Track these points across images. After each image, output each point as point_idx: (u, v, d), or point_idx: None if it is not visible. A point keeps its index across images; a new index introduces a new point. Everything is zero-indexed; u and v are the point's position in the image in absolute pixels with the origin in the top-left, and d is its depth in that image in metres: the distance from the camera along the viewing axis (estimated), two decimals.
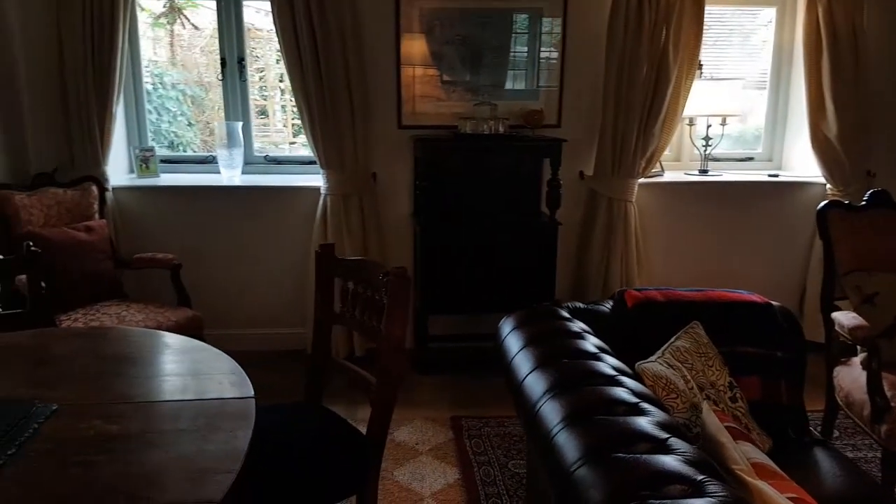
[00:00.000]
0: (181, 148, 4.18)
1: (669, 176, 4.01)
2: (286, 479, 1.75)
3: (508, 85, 3.78)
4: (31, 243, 2.11)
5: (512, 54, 3.75)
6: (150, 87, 4.01)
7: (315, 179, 3.68)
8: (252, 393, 1.52)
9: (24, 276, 2.24)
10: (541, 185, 3.76)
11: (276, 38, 3.48)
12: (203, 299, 3.50)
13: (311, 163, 3.79)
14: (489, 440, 2.93)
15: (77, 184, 3.39)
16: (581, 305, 2.39)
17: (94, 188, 3.42)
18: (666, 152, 3.90)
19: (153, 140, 4.00)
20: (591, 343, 1.97)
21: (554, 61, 3.75)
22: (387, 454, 2.75)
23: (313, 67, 3.41)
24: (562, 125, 3.79)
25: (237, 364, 1.67)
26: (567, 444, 1.47)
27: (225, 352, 1.74)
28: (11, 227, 3.08)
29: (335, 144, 3.51)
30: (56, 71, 3.44)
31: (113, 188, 3.57)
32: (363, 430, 1.93)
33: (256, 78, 4.17)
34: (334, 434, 1.96)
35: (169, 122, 4.20)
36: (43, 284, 2.78)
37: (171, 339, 1.85)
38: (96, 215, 3.39)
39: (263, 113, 4.35)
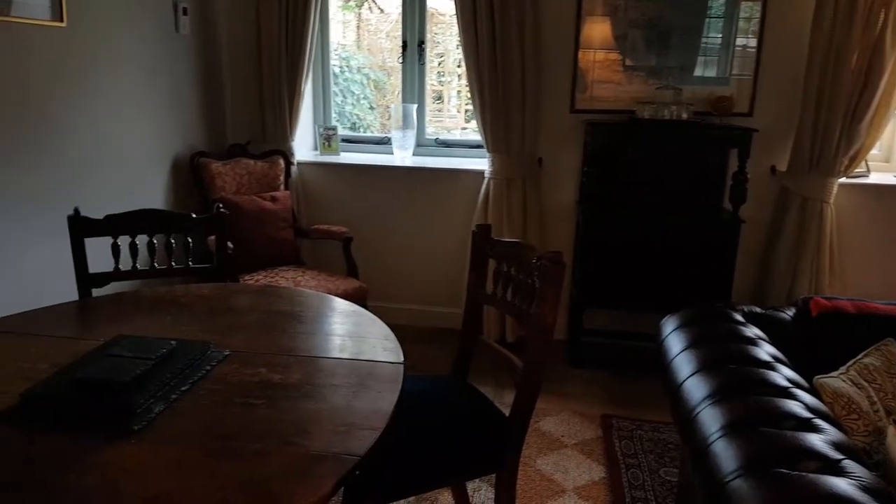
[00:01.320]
0: (361, 129, 4.40)
1: (876, 177, 3.54)
2: (426, 446, 1.78)
3: (697, 71, 3.54)
4: (220, 205, 2.31)
5: (704, 40, 3.51)
6: (336, 69, 4.26)
7: (481, 163, 3.71)
8: (402, 359, 1.55)
9: (213, 237, 2.47)
10: (724, 179, 3.48)
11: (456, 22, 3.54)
12: (369, 271, 3.68)
13: (478, 147, 3.82)
14: (641, 443, 2.79)
15: (266, 156, 3.69)
16: (757, 310, 2.19)
17: (282, 161, 3.70)
18: (874, 151, 3.45)
19: (336, 120, 4.26)
20: (764, 351, 1.80)
21: (751, 49, 3.45)
22: (531, 442, 2.71)
23: (489, 50, 3.42)
24: (753, 114, 3.48)
25: (391, 332, 1.72)
26: (724, 452, 1.36)
27: (385, 324, 1.80)
28: (207, 192, 3.43)
29: (503, 128, 3.51)
30: (254, 51, 3.76)
31: (297, 162, 3.85)
32: (507, 413, 1.91)
33: (435, 63, 4.28)
34: (476, 410, 1.96)
35: (352, 104, 4.44)
36: (231, 245, 3.07)
37: (336, 303, 1.95)
38: (281, 186, 3.67)
39: (439, 98, 4.46)
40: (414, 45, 3.98)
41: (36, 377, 1.37)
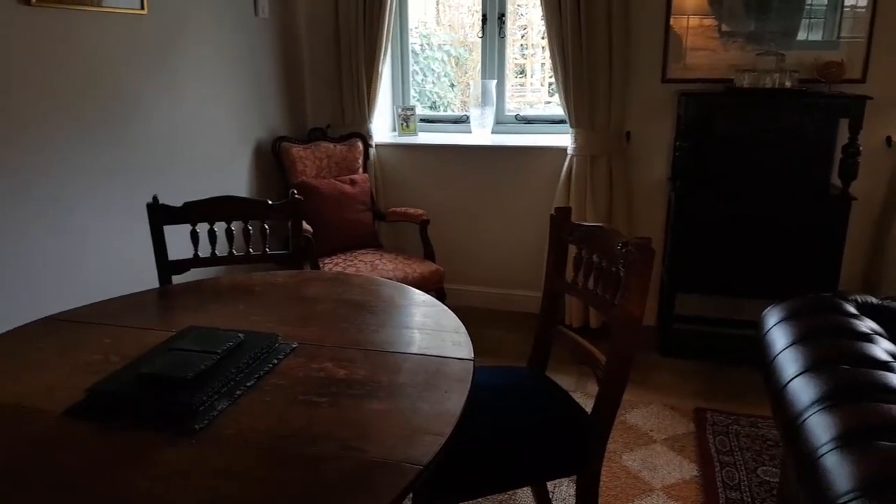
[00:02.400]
0: (442, 108, 4.31)
1: None
2: (500, 444, 1.68)
3: (801, 35, 3.22)
4: (294, 191, 2.29)
5: (808, 0, 3.17)
6: (417, 47, 4.18)
7: (563, 140, 3.53)
8: (472, 356, 1.46)
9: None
10: (833, 152, 3.16)
11: None
12: (446, 254, 3.61)
13: (561, 122, 3.64)
14: (737, 439, 2.59)
15: (345, 139, 3.67)
16: (874, 301, 1.94)
17: (360, 144, 3.67)
18: None
19: (417, 100, 4.18)
20: (882, 348, 1.58)
21: (861, 9, 3.09)
22: (616, 436, 2.57)
23: (573, 18, 3.23)
24: (867, 80, 3.13)
25: (462, 325, 1.63)
26: (837, 469, 1.19)
27: (461, 307, 1.71)
28: (288, 176, 3.45)
29: (588, 101, 3.32)
30: (333, 33, 3.72)
31: (376, 144, 3.81)
32: (590, 405, 1.78)
33: (518, 36, 4.11)
34: (554, 407, 1.84)
35: (433, 82, 4.35)
36: (309, 229, 3.07)
37: (408, 293, 1.88)
38: (360, 169, 3.64)
39: (522, 72, 4.30)
40: (494, 18, 3.83)
41: (105, 370, 1.38)
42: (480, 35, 3.90)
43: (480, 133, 3.86)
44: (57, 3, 2.36)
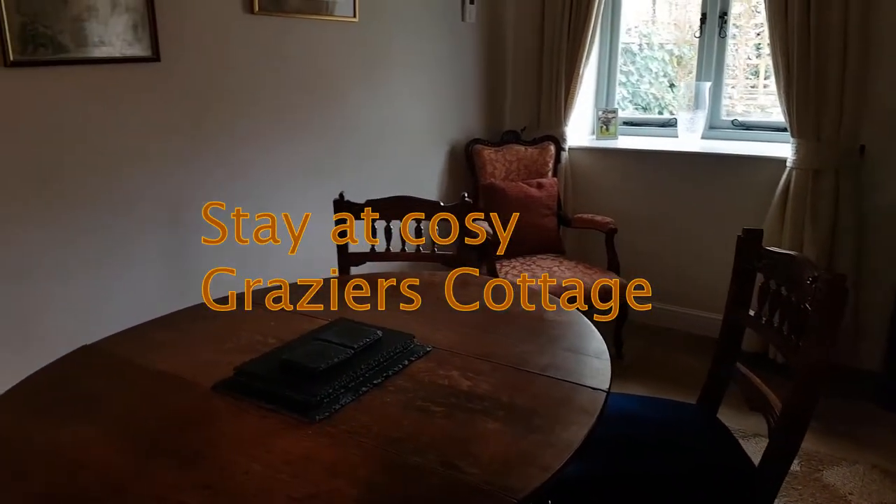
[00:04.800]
0: (657, 110, 4.06)
1: None
2: (645, 490, 1.53)
3: None
4: (465, 194, 2.30)
5: None
6: (635, 47, 3.99)
7: (784, 150, 3.13)
8: (606, 387, 1.34)
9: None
10: None
11: None
12: (633, 267, 3.40)
13: (784, 129, 3.23)
14: None
15: (538, 142, 3.62)
16: None
17: (552, 147, 3.60)
18: None
19: (630, 101, 4.00)
20: None
21: None
22: (807, 495, 2.23)
23: (800, 15, 2.84)
24: None
25: (605, 348, 1.51)
26: None
27: (642, 325, 1.57)
28: (478, 177, 3.49)
29: (813, 108, 2.90)
30: (537, 37, 3.69)
31: (569, 148, 3.70)
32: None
33: (752, 34, 3.74)
34: (715, 454, 1.63)
35: (650, 82, 4.12)
36: (490, 231, 3.08)
37: (559, 308, 1.79)
38: (549, 173, 3.57)
39: (755, 73, 3.91)
40: (715, 17, 3.53)
41: (259, 351, 1.49)
42: (698, 35, 3.62)
43: (688, 138, 3.58)
44: (277, 12, 2.62)
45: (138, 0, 2.16)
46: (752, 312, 1.76)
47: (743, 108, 3.71)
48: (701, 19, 3.59)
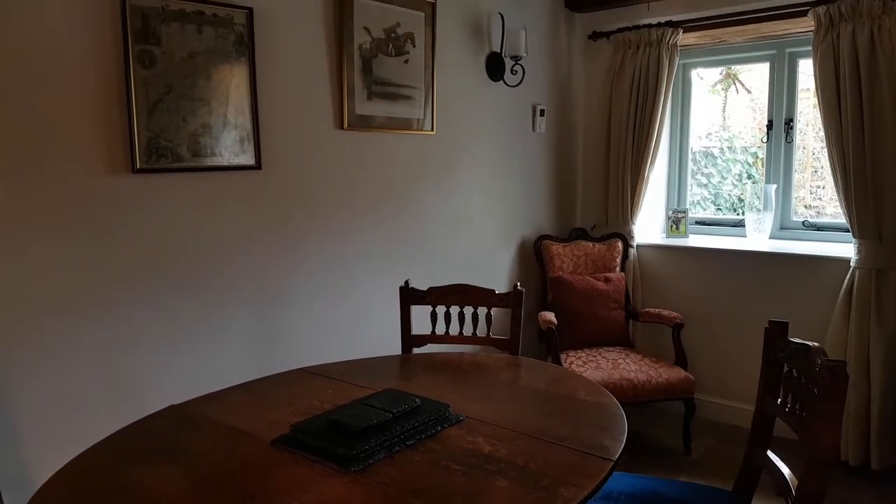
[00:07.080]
0: (740, 211, 4.14)
1: None
2: None
3: None
4: (518, 284, 2.50)
5: None
6: (716, 151, 4.17)
7: (849, 249, 3.14)
8: (615, 457, 1.47)
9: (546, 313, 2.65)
10: None
11: None
12: (701, 362, 3.42)
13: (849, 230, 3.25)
14: None
15: (605, 239, 3.79)
16: None
17: (620, 244, 3.75)
18: None
19: (713, 202, 4.13)
20: None
21: None
22: None
23: (854, 119, 2.95)
24: None
25: (626, 427, 1.63)
26: None
27: (711, 422, 1.62)
28: (546, 270, 3.68)
29: (872, 208, 2.94)
30: (604, 146, 3.94)
31: (637, 245, 3.84)
32: None
33: (818, 138, 3.85)
34: None
35: (733, 184, 4.23)
36: (554, 322, 3.23)
37: (596, 392, 1.91)
38: (617, 268, 3.71)
39: (822, 176, 3.96)
40: (780, 123, 3.67)
41: (314, 413, 1.72)
42: (765, 140, 3.75)
43: (756, 238, 3.64)
44: (364, 128, 3.02)
45: (246, 118, 2.60)
46: (779, 401, 1.82)
47: (812, 209, 3.74)
48: (768, 125, 3.73)
